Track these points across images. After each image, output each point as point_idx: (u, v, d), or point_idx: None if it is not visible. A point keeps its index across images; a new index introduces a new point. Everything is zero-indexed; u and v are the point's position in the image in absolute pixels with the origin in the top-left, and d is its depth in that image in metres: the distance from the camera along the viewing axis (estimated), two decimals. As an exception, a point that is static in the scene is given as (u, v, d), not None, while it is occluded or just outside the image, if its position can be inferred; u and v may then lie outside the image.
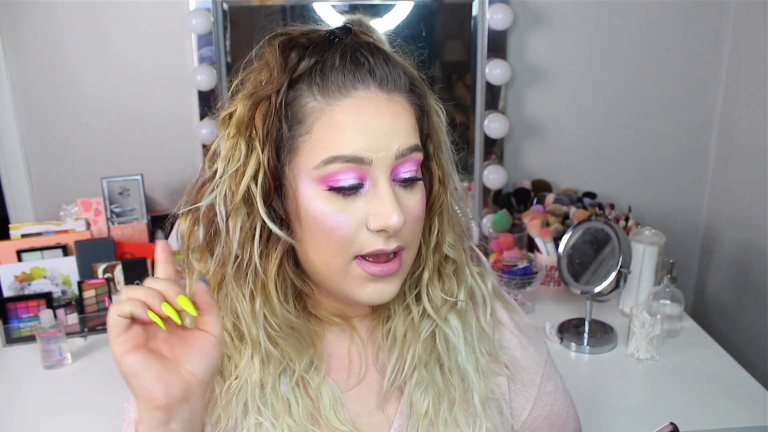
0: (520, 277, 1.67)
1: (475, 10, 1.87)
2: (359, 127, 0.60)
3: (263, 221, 0.63)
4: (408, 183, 0.64)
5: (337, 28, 0.65)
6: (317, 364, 0.70)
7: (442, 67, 1.94)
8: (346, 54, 0.62)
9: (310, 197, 0.62)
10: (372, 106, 0.61)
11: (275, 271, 0.65)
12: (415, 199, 0.64)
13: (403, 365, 0.70)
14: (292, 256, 0.66)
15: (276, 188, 0.63)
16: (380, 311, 0.73)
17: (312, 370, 0.69)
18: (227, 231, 0.64)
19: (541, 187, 1.99)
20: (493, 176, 1.91)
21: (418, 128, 0.65)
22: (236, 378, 0.67)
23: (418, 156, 0.64)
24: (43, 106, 1.87)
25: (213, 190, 0.64)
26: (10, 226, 1.77)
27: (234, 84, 0.67)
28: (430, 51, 1.97)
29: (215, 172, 0.64)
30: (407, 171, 0.63)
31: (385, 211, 0.60)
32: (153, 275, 0.56)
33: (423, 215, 0.66)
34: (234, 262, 0.65)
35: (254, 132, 0.62)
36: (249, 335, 0.66)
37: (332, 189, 0.61)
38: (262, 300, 0.65)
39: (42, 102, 1.87)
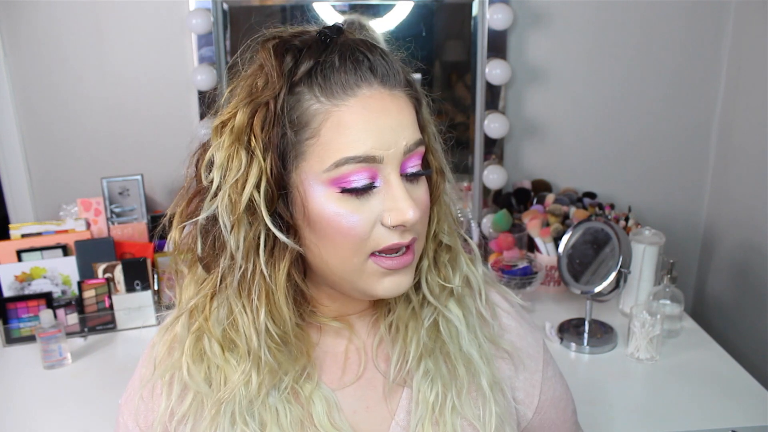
0: (520, 277, 1.67)
1: (475, 10, 1.87)
2: (367, 126, 0.60)
3: (267, 230, 0.62)
4: (414, 176, 0.65)
5: (326, 28, 0.64)
6: (310, 371, 0.69)
7: (442, 67, 1.94)
8: (345, 53, 0.62)
9: (323, 200, 0.61)
10: (377, 103, 0.61)
11: (284, 280, 0.63)
12: (421, 190, 0.66)
13: (407, 356, 0.71)
14: (300, 263, 0.66)
15: (281, 195, 0.62)
16: (380, 305, 0.74)
17: (303, 379, 0.69)
18: (231, 242, 0.62)
19: (541, 187, 1.99)
20: (493, 176, 1.91)
21: (418, 121, 0.66)
22: (226, 389, 0.66)
23: (422, 149, 0.65)
24: (43, 106, 1.87)
25: (212, 201, 0.62)
26: (10, 226, 1.77)
27: (228, 90, 0.65)
28: (430, 51, 1.97)
29: (211, 182, 0.62)
30: (414, 165, 0.64)
31: (401, 207, 0.61)
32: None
33: (427, 207, 0.67)
34: (238, 273, 0.63)
35: (254, 139, 0.60)
36: (248, 347, 0.65)
37: (345, 191, 0.61)
38: (267, 311, 0.64)
39: (42, 102, 1.87)
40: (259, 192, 0.60)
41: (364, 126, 0.60)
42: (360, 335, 0.74)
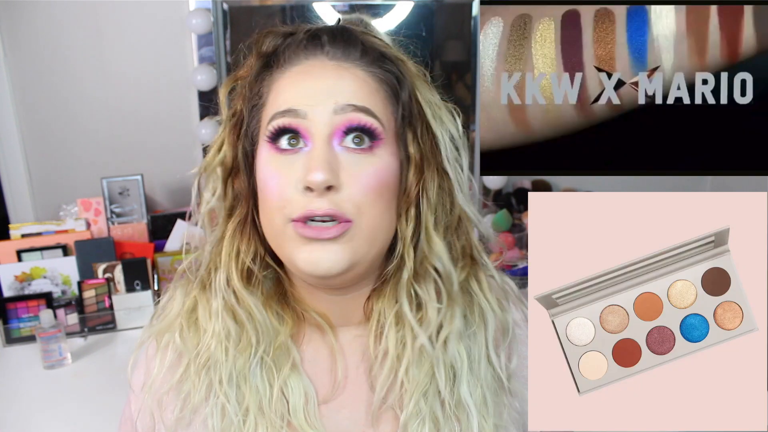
0: (520, 277, 1.67)
1: (475, 10, 1.87)
2: (297, 85, 0.62)
3: (222, 189, 0.67)
4: (359, 149, 0.61)
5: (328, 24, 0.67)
6: (287, 352, 0.66)
7: (442, 67, 1.94)
8: (309, 32, 0.65)
9: (260, 159, 0.63)
10: (316, 70, 0.63)
11: (230, 239, 0.66)
12: (366, 167, 0.61)
13: (395, 382, 0.65)
14: (255, 233, 0.66)
15: (244, 167, 0.66)
16: (373, 324, 0.68)
17: (280, 356, 0.66)
18: (193, 192, 0.69)
19: (541, 187, 1.99)
20: (493, 176, 1.91)
21: (381, 102, 0.63)
22: (206, 350, 0.66)
23: (367, 120, 0.61)
24: (43, 106, 1.87)
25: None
26: (10, 226, 1.77)
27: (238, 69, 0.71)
28: (430, 51, 1.97)
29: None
30: (352, 132, 0.61)
31: (311, 166, 0.59)
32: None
33: (379, 190, 0.62)
34: (198, 223, 0.69)
35: (225, 110, 0.68)
36: (210, 306, 0.66)
37: (271, 140, 0.62)
38: (222, 272, 0.66)
39: (42, 102, 1.87)
40: (219, 153, 0.67)
41: (294, 86, 0.62)
42: (344, 350, 0.69)
